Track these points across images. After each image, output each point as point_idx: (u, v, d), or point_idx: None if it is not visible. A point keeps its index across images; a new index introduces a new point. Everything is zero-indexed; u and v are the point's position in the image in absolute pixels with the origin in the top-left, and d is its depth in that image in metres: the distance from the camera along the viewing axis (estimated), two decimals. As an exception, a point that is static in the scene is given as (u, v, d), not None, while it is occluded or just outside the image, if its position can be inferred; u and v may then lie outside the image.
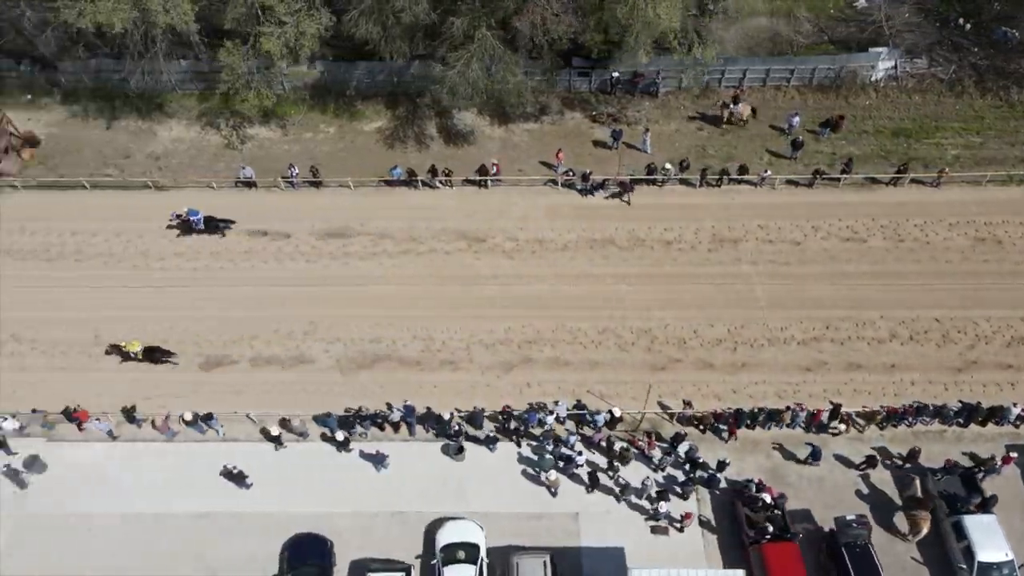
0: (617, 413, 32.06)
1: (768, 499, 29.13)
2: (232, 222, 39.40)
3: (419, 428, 33.03)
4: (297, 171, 40.35)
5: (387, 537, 30.71)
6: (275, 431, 31.95)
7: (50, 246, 39.21)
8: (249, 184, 40.93)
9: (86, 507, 31.46)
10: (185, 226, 39.11)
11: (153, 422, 33.12)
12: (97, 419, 32.44)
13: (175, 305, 36.90)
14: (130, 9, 33.96)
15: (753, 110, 42.97)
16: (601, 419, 31.94)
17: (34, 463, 31.64)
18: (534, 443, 32.56)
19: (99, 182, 41.36)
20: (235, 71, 37.54)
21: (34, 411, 32.79)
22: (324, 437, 33.06)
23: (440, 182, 40.61)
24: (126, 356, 34.97)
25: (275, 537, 30.63)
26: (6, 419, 32.33)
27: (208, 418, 32.18)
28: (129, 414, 32.88)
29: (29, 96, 45.29)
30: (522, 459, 32.44)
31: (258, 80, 38.62)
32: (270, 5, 34.83)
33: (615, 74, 43.35)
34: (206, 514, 31.26)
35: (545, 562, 28.10)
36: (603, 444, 31.96)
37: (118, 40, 38.15)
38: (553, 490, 31.10)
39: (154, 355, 34.97)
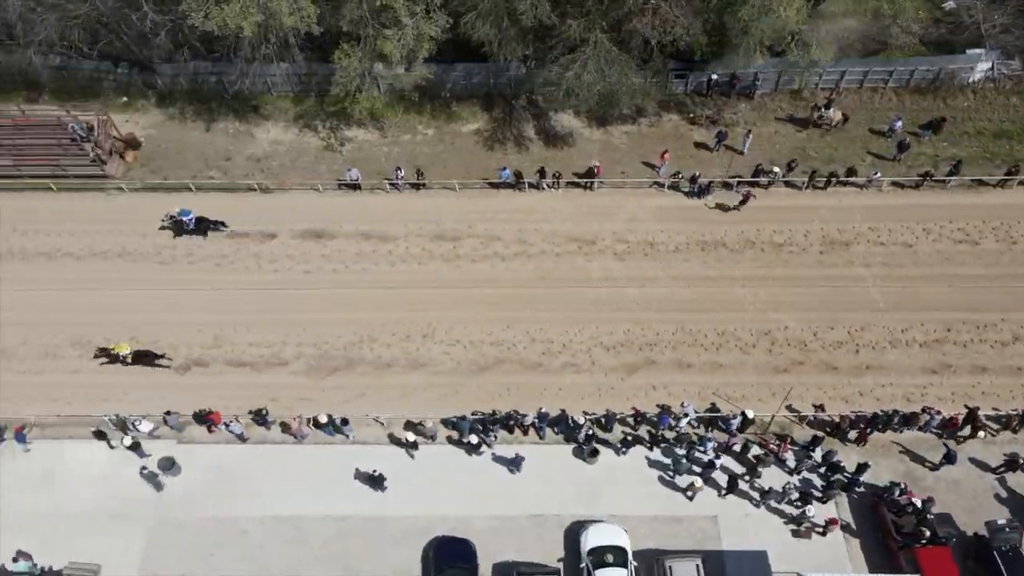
0: (751, 415, 32.00)
1: (918, 503, 29.05)
2: (224, 224, 39.35)
3: (548, 431, 33.03)
4: (403, 173, 40.36)
5: (525, 540, 30.74)
6: (410, 436, 31.91)
7: (161, 248, 39.31)
8: (354, 186, 40.94)
9: (223, 510, 31.56)
10: (177, 227, 39.20)
11: (285, 424, 33.18)
12: (228, 422, 32.48)
13: (292, 307, 36.96)
14: (257, 12, 33.92)
15: (844, 116, 42.83)
16: (735, 422, 31.91)
17: (171, 466, 31.69)
18: (665, 446, 32.54)
19: (204, 184, 41.44)
20: (349, 73, 37.49)
21: (167, 413, 32.83)
22: (451, 440, 33.11)
23: (547, 184, 40.57)
24: (114, 359, 34.91)
25: (414, 540, 30.73)
26: (140, 421, 32.41)
27: (344, 423, 32.20)
28: (260, 416, 32.94)
29: (125, 98, 45.36)
30: (653, 462, 32.43)
31: (369, 83, 38.58)
32: (391, 6, 34.74)
33: (714, 76, 43.28)
34: (344, 517, 31.31)
35: (698, 565, 28.12)
36: (736, 447, 31.92)
37: (230, 43, 38.05)
38: (690, 494, 31.05)
39: (145, 358, 34.98)
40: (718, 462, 31.17)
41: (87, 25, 41.03)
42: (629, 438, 32.23)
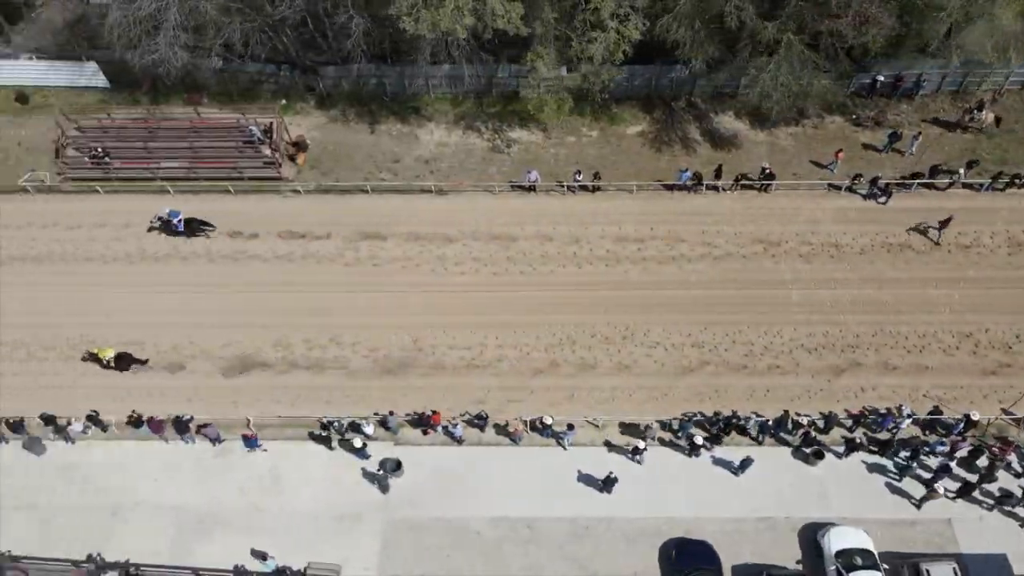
0: (975, 417, 31.93)
1: None
2: (212, 226, 39.53)
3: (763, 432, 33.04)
4: (582, 175, 40.40)
5: (759, 542, 30.77)
6: (640, 443, 31.91)
7: (344, 250, 39.43)
8: (529, 188, 41.01)
9: (451, 511, 31.69)
10: (167, 227, 39.38)
11: (498, 425, 33.25)
12: (450, 424, 32.57)
13: (486, 309, 37.05)
14: (469, 15, 34.00)
15: (997, 119, 42.67)
16: (959, 425, 31.85)
17: (397, 467, 31.78)
18: (886, 448, 32.48)
19: (377, 186, 41.56)
20: (539, 75, 37.58)
21: (390, 414, 32.95)
22: (668, 442, 33.15)
23: (723, 187, 40.55)
24: (99, 363, 35.04)
25: (647, 541, 30.81)
26: (365, 424, 32.52)
27: (570, 428, 32.26)
28: (479, 419, 33.02)
29: (284, 101, 45.55)
30: (874, 465, 32.37)
31: (557, 85, 38.68)
32: (597, 8, 34.82)
33: (880, 77, 43.19)
34: (573, 518, 31.40)
35: (954, 568, 28.08)
36: (963, 451, 31.85)
37: (423, 45, 38.14)
38: (922, 501, 30.93)
39: (124, 362, 35.12)
40: (952, 464, 31.08)
41: (261, 28, 41.21)
42: (857, 439, 32.11)
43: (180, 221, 39.09)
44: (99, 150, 41.01)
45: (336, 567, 30.00)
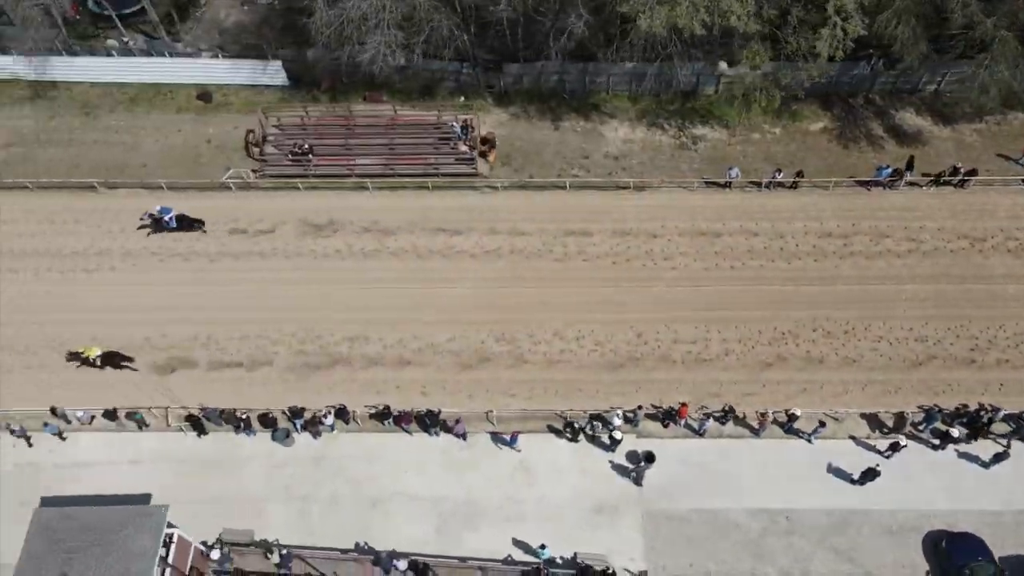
0: None
1: None
2: (202, 222, 39.88)
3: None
4: (782, 173, 40.66)
5: (1020, 534, 30.98)
6: (902, 440, 32.17)
7: (552, 246, 39.79)
8: (725, 184, 41.27)
9: (706, 502, 32.09)
10: (157, 225, 39.75)
11: (738, 417, 33.56)
12: (702, 417, 32.95)
13: (704, 304, 37.35)
14: (705, 12, 34.37)
15: None
16: None
17: (651, 459, 32.05)
18: None
19: (573, 182, 41.91)
20: (754, 72, 37.92)
21: (639, 408, 33.28)
22: (911, 436, 33.41)
23: (919, 183, 40.78)
24: (86, 362, 35.34)
25: (908, 535, 31.12)
26: (613, 415, 32.88)
27: (822, 425, 32.63)
28: (724, 414, 33.34)
29: (463, 99, 45.96)
30: (1121, 457, 32.59)
31: (767, 82, 39.00)
32: (823, 5, 35.19)
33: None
34: (830, 510, 31.68)
35: None
36: None
37: (624, 44, 38.52)
38: None
39: (113, 360, 35.42)
40: None
41: (457, 27, 41.62)
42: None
43: (171, 218, 39.43)
44: (306, 146, 41.46)
45: (603, 557, 30.34)
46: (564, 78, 45.24)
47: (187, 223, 39.81)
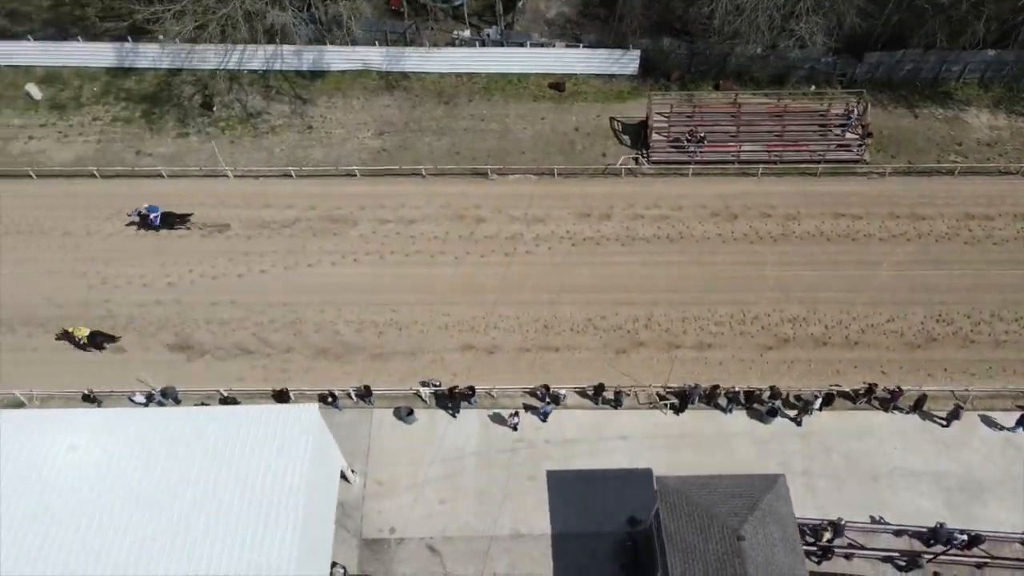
0: None
1: None
2: (188, 217, 40.41)
3: None
4: None
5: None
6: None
7: (959, 229, 40.46)
8: (1111, 171, 41.83)
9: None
10: (144, 222, 40.28)
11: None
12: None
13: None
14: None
15: None
16: None
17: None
18: None
19: (952, 168, 42.57)
20: None
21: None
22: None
23: None
24: (75, 342, 35.90)
25: None
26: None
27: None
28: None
29: (813, 87, 46.65)
30: None
31: None
32: None
33: None
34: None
35: None
36: None
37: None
38: None
39: (96, 339, 35.82)
40: None
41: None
42: None
43: (157, 216, 40.01)
44: (700, 134, 42.30)
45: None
46: (920, 66, 45.87)
47: (172, 220, 40.27)
